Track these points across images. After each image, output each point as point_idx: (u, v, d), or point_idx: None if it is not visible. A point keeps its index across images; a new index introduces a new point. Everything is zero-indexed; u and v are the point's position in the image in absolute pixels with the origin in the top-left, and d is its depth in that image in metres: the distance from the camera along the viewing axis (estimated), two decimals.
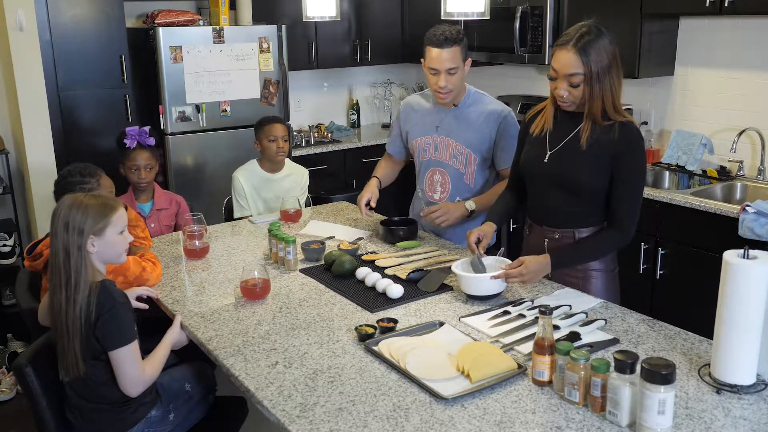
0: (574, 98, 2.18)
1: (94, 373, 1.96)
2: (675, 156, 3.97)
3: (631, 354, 1.54)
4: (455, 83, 2.70)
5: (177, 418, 2.14)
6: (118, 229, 2.02)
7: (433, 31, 2.66)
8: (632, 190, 2.22)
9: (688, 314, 2.70)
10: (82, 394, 2.00)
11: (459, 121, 2.82)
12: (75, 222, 1.94)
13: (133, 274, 2.37)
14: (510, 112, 2.81)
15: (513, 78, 5.16)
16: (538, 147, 2.33)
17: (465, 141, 2.81)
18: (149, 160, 3.27)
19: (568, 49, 2.12)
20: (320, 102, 5.66)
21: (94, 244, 1.97)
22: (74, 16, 4.04)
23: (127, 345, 1.93)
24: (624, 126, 2.18)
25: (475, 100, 2.84)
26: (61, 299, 1.92)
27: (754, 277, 1.58)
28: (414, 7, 5.37)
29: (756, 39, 3.67)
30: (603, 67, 2.12)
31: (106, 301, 1.92)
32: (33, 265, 2.48)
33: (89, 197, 2.02)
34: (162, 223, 3.33)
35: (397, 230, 2.80)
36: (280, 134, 3.41)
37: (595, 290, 2.32)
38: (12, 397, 3.57)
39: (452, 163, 2.86)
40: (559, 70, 2.16)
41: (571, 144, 2.25)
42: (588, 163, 2.21)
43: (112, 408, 2.00)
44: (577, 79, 2.13)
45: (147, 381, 2.01)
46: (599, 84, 2.13)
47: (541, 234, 2.38)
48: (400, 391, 1.69)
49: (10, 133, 4.28)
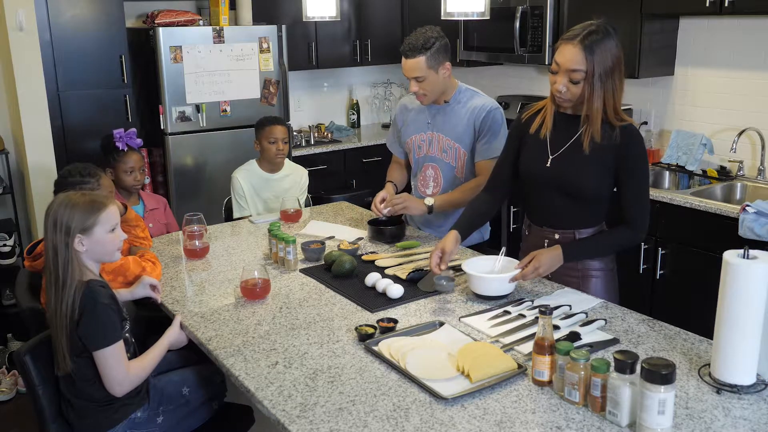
0: (572, 95, 2.17)
1: (80, 371, 1.97)
2: (675, 156, 3.97)
3: (631, 354, 1.54)
4: (427, 89, 2.75)
5: (167, 421, 2.12)
6: (107, 227, 2.01)
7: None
8: (640, 189, 2.22)
9: (688, 314, 2.70)
10: (71, 390, 2.01)
11: (448, 116, 2.86)
12: (62, 220, 1.95)
13: (133, 274, 2.37)
14: (496, 108, 2.81)
15: (513, 78, 5.16)
16: (538, 150, 2.32)
17: (454, 136, 2.84)
18: (141, 162, 3.26)
19: (574, 44, 2.11)
20: (320, 102, 5.66)
21: (82, 242, 1.97)
22: (74, 16, 4.04)
23: (110, 346, 1.93)
24: (624, 129, 2.18)
25: (466, 96, 2.86)
26: (51, 296, 1.95)
27: (754, 277, 1.58)
28: (414, 7, 5.37)
29: (756, 39, 3.67)
30: (606, 68, 2.11)
31: (88, 302, 1.93)
32: (33, 265, 2.49)
33: (79, 195, 2.02)
34: (159, 222, 3.33)
35: (385, 230, 2.81)
36: (280, 136, 3.41)
37: (594, 289, 2.32)
38: (12, 397, 3.57)
39: (443, 158, 2.89)
40: (561, 64, 2.15)
41: (573, 148, 2.24)
42: (590, 168, 2.21)
43: (97, 407, 2.01)
44: (578, 75, 2.12)
45: (133, 381, 2.00)
46: (600, 84, 2.12)
47: (541, 235, 2.38)
48: (400, 391, 1.69)
49: (10, 133, 4.28)
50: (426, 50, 2.68)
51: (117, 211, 2.08)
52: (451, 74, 2.81)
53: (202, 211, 2.85)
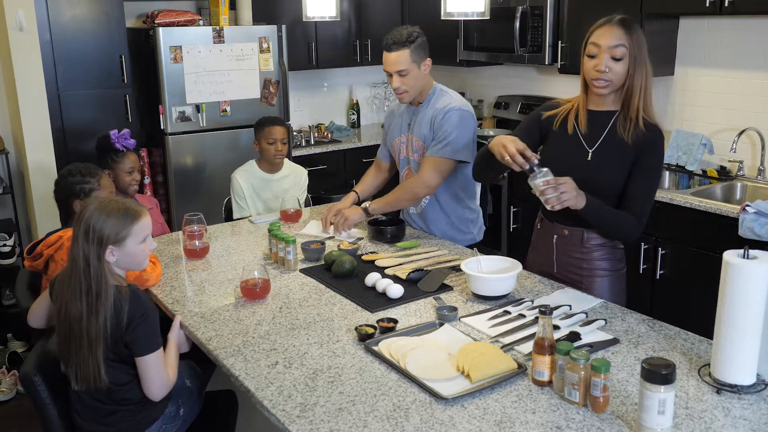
0: (615, 75, 2.16)
1: (114, 377, 1.94)
2: (675, 156, 3.97)
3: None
4: (408, 84, 2.76)
5: (185, 413, 2.17)
6: (139, 238, 1.97)
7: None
8: (651, 184, 2.23)
9: (688, 314, 2.70)
10: (98, 397, 1.97)
11: (419, 117, 2.88)
12: (95, 230, 1.89)
13: (133, 274, 2.36)
14: (456, 109, 2.76)
15: (513, 78, 5.16)
16: (573, 145, 2.29)
17: (420, 136, 2.87)
18: (138, 162, 3.27)
19: (612, 24, 2.15)
20: (320, 102, 5.66)
21: (113, 253, 1.93)
22: (74, 16, 4.04)
23: (156, 351, 1.93)
24: (650, 126, 2.20)
25: (436, 96, 2.86)
26: (80, 308, 1.88)
27: (754, 277, 1.58)
28: (414, 7, 5.37)
29: (756, 39, 3.67)
30: (643, 50, 2.15)
31: (138, 307, 1.90)
32: (33, 265, 2.48)
33: (113, 202, 1.96)
34: (156, 222, 3.33)
35: (385, 230, 2.81)
36: (279, 137, 3.41)
37: (600, 291, 2.31)
38: (12, 397, 3.57)
39: (415, 158, 2.92)
40: (602, 43, 2.15)
41: (607, 141, 2.23)
42: (625, 161, 2.21)
43: (134, 407, 2.00)
44: (620, 51, 2.13)
45: (170, 384, 2.02)
46: (640, 63, 2.14)
47: (551, 230, 2.38)
48: (400, 391, 1.69)
49: (10, 133, 4.28)
50: (410, 44, 2.70)
51: (149, 221, 2.03)
52: (429, 74, 2.83)
53: (202, 211, 2.85)
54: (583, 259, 2.34)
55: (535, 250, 2.51)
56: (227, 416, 2.35)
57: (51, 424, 1.98)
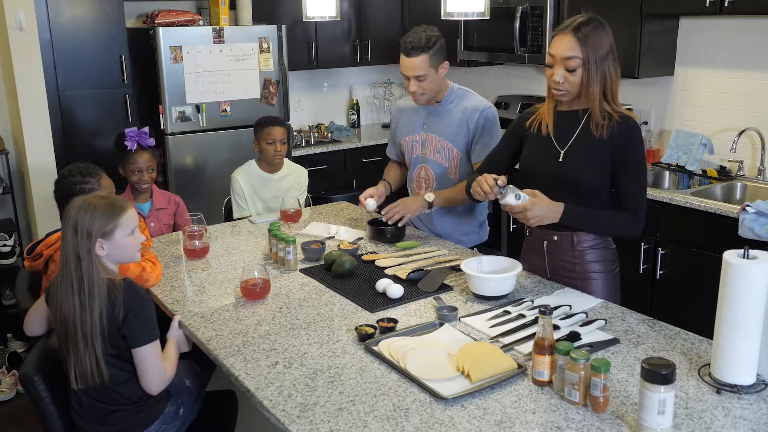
0: (570, 85, 2.17)
1: (113, 375, 1.95)
2: (675, 156, 3.97)
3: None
4: (426, 87, 2.75)
5: (185, 413, 2.17)
6: (127, 230, 1.99)
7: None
8: (640, 179, 2.22)
9: (688, 314, 2.70)
10: (97, 397, 1.98)
11: (442, 117, 2.86)
12: (83, 225, 1.91)
13: (133, 274, 2.36)
14: (489, 107, 2.81)
15: (513, 78, 5.16)
16: (545, 147, 2.30)
17: (447, 136, 2.84)
18: (150, 162, 3.27)
19: (565, 33, 2.14)
20: (320, 102, 5.66)
21: (103, 246, 1.95)
22: (74, 16, 4.04)
23: (153, 342, 1.95)
24: (623, 121, 2.19)
25: (458, 96, 2.86)
26: (74, 304, 1.89)
27: (754, 277, 1.58)
28: (414, 7, 5.37)
29: (756, 39, 3.67)
30: (600, 55, 2.13)
31: (133, 298, 1.92)
32: (33, 265, 2.48)
33: (98, 198, 1.99)
34: (162, 222, 3.33)
35: (385, 230, 2.81)
36: (279, 137, 3.40)
37: (595, 292, 2.31)
38: (12, 397, 3.57)
39: (436, 159, 2.89)
40: (556, 54, 2.16)
41: (579, 141, 2.24)
42: (598, 159, 2.21)
43: (132, 407, 2.00)
44: (574, 62, 2.13)
45: (168, 378, 2.02)
46: (596, 69, 2.13)
47: (541, 236, 2.38)
48: (400, 391, 1.69)
49: (10, 133, 4.28)
50: (429, 48, 2.68)
51: (135, 213, 2.06)
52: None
53: (202, 211, 2.85)
54: (576, 262, 2.33)
55: (527, 256, 2.50)
56: (227, 416, 2.35)
57: (51, 424, 1.98)
